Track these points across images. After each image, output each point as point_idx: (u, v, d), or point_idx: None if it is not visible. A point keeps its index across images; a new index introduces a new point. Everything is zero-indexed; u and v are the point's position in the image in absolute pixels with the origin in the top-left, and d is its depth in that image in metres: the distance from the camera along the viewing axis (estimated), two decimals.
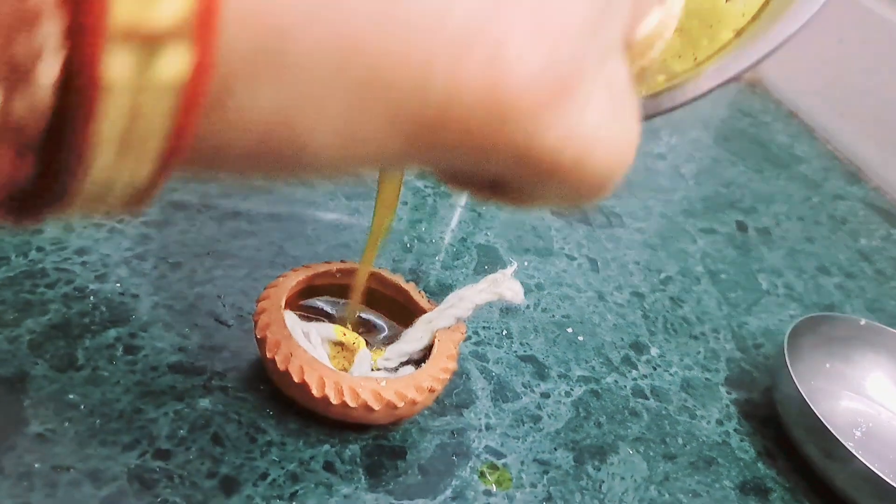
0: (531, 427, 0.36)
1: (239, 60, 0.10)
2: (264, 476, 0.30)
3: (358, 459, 0.31)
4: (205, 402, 0.32)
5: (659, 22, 0.16)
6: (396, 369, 0.32)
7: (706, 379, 0.42)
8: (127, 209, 0.11)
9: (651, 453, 0.36)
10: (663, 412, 0.39)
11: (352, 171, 0.12)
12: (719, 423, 0.40)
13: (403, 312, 0.35)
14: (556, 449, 0.35)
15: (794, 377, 0.37)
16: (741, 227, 0.59)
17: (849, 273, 0.57)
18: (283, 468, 0.30)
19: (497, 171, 0.13)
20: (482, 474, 0.33)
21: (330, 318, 0.35)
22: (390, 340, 0.34)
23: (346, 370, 0.32)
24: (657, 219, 0.56)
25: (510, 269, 0.33)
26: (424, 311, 0.34)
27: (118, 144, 0.09)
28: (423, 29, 0.10)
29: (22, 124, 0.09)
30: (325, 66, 0.10)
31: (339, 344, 0.33)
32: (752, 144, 0.73)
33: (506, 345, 0.40)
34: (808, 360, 0.42)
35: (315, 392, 0.29)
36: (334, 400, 0.29)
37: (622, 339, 0.43)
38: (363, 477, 0.31)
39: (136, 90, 0.09)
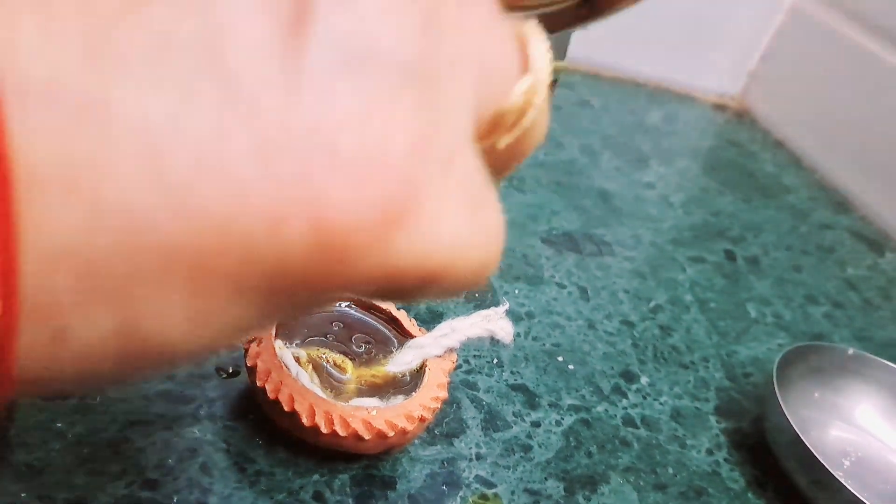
0: (522, 456, 0.35)
1: (63, 294, 0.10)
2: None
3: (347, 489, 0.31)
4: (193, 431, 0.31)
5: (528, 88, 0.14)
6: (387, 399, 0.32)
7: (696, 408, 0.42)
8: None
9: (641, 483, 0.36)
10: (653, 441, 0.39)
11: (217, 346, 0.12)
12: (709, 452, 0.40)
13: (388, 335, 0.35)
14: (546, 479, 0.35)
15: (783, 406, 0.37)
16: (730, 256, 0.59)
17: (836, 302, 0.57)
18: (271, 498, 0.30)
19: (369, 293, 0.14)
20: None
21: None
22: (376, 358, 0.34)
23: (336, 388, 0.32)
24: (646, 247, 0.56)
25: (502, 308, 0.34)
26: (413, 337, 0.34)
27: None
28: (226, 212, 0.10)
29: None
30: (152, 269, 0.10)
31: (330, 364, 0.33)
32: (740, 174, 0.74)
33: (496, 373, 0.40)
34: (797, 390, 0.42)
35: (305, 421, 0.29)
36: (324, 429, 0.29)
37: (612, 368, 0.43)
38: None
39: None
